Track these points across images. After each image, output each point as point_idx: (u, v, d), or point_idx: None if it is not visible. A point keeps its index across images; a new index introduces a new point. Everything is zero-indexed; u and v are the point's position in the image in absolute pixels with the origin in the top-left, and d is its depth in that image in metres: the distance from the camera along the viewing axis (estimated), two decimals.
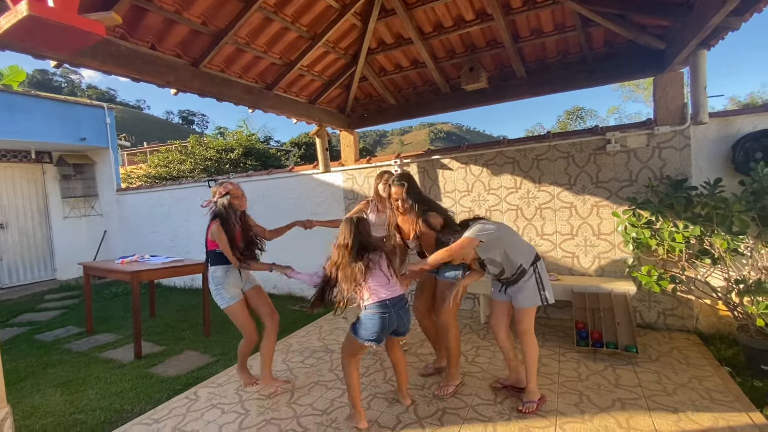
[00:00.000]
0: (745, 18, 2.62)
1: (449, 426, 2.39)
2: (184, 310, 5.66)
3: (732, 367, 2.88)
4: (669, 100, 3.60)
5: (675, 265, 3.45)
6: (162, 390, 3.19)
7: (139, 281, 4.01)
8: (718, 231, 3.02)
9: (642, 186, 3.69)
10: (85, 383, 3.41)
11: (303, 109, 4.42)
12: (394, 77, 4.68)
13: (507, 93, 4.34)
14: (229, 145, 12.15)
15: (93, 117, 8.09)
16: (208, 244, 2.90)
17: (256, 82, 3.81)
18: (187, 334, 4.55)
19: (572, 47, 3.92)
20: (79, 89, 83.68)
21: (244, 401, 2.86)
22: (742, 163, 3.26)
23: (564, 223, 4.08)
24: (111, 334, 4.73)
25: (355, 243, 2.36)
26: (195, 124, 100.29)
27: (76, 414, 2.89)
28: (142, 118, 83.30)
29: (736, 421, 2.26)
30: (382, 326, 2.32)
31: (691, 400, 2.51)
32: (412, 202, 2.80)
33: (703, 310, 3.58)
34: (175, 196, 7.19)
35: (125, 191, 8.15)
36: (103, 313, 5.65)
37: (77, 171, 8.29)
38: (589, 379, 2.85)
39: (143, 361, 3.82)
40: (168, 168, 11.67)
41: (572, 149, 4.00)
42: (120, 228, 8.17)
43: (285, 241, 5.06)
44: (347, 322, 4.48)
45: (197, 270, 4.48)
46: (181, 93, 3.29)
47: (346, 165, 5.33)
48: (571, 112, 39.40)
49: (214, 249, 2.87)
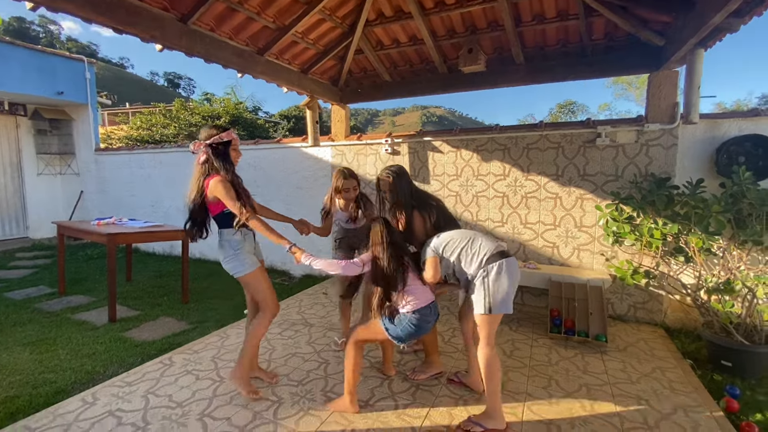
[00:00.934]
0: (745, 21, 2.63)
1: (421, 402, 2.45)
2: (162, 276, 5.58)
3: (694, 361, 3.02)
4: (662, 98, 3.62)
5: (650, 261, 3.55)
6: (136, 354, 3.16)
7: (115, 244, 3.91)
8: (695, 230, 3.11)
9: (627, 182, 3.74)
10: (55, 344, 3.35)
11: (294, 78, 4.28)
12: (391, 52, 4.56)
13: (503, 78, 4.29)
14: (215, 112, 11.78)
15: (71, 70, 7.69)
16: (210, 207, 2.39)
17: (247, 45, 3.65)
18: (164, 301, 4.50)
19: (572, 36, 3.87)
20: (58, 41, 79.08)
21: (219, 369, 2.86)
22: (724, 166, 3.33)
23: (548, 214, 4.13)
24: (84, 296, 4.63)
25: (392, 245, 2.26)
26: (181, 88, 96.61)
27: (46, 373, 2.85)
28: (124, 77, 79.73)
29: (694, 410, 2.37)
30: (420, 332, 2.23)
31: (653, 388, 2.62)
32: (395, 197, 2.60)
33: (671, 305, 3.72)
34: (157, 160, 6.96)
35: (104, 151, 7.86)
36: (77, 275, 5.52)
37: (53, 126, 7.92)
38: (559, 365, 2.94)
39: (117, 325, 3.76)
40: (150, 131, 11.27)
41: (563, 140, 4.01)
42: (97, 189, 7.91)
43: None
44: (327, 298, 4.49)
45: (177, 236, 4.39)
46: (167, 51, 3.12)
47: (335, 140, 5.24)
48: (563, 105, 39.57)
49: (222, 210, 2.37)
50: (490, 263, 2.10)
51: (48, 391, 2.61)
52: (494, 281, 2.08)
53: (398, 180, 2.62)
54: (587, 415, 2.32)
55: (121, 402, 2.44)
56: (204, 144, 2.37)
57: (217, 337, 3.40)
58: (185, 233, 2.51)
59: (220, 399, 2.47)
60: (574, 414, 2.33)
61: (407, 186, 2.63)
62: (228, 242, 2.43)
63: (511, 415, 2.31)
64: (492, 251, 2.15)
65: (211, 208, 2.41)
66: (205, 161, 2.38)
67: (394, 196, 2.63)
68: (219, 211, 2.40)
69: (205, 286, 5.03)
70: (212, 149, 2.37)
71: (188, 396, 2.51)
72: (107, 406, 2.40)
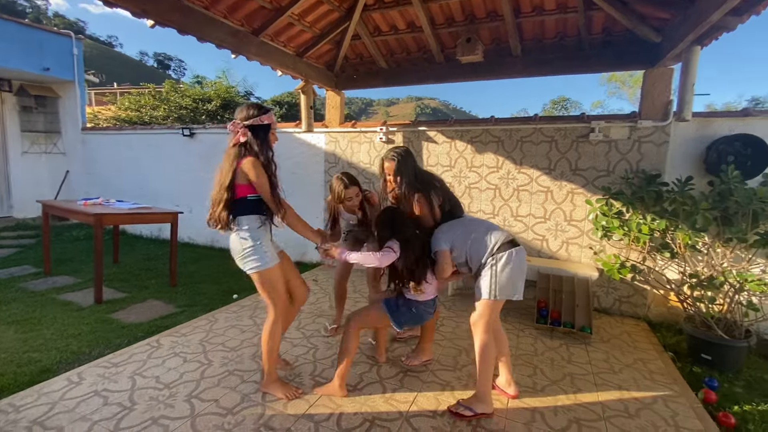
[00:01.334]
0: (743, 19, 2.64)
1: (409, 387, 2.48)
2: (150, 259, 5.51)
3: (675, 354, 3.10)
4: (656, 95, 3.65)
5: (637, 256, 3.62)
6: (122, 336, 3.13)
7: (102, 225, 3.84)
8: (682, 226, 3.17)
9: (618, 177, 3.78)
10: (40, 323, 3.30)
11: (289, 62, 4.20)
12: (388, 39, 4.51)
13: (500, 70, 4.28)
14: (206, 95, 11.55)
15: (58, 46, 7.45)
16: (236, 189, 2.14)
17: (242, 25, 3.57)
18: (152, 283, 4.45)
19: (571, 30, 3.87)
20: (45, 17, 76.45)
21: (207, 352, 2.85)
22: (713, 164, 3.38)
23: (539, 207, 4.17)
24: (70, 277, 4.56)
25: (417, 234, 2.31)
26: (171, 70, 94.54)
27: (30, 352, 2.81)
28: (112, 56, 77.63)
29: (673, 400, 2.44)
30: (421, 321, 2.32)
31: (634, 379, 2.69)
32: (401, 180, 2.46)
33: (655, 299, 3.80)
34: (146, 142, 6.83)
35: (91, 131, 7.67)
36: (63, 256, 5.43)
37: (39, 104, 7.69)
38: (544, 354, 3.00)
39: (104, 306, 3.72)
40: (139, 112, 11.03)
41: (556, 134, 4.03)
42: (84, 170, 7.74)
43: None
44: (317, 285, 4.49)
45: (166, 219, 4.34)
46: (158, 27, 3.03)
47: (329, 127, 5.19)
48: (556, 101, 39.70)
49: (246, 195, 2.15)
50: (500, 252, 2.14)
51: (33, 369, 2.58)
52: (502, 269, 2.12)
53: (404, 163, 2.48)
54: (571, 404, 2.37)
55: (107, 382, 2.42)
56: (242, 125, 2.14)
57: (205, 321, 3.39)
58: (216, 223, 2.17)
59: (207, 381, 2.47)
60: (558, 402, 2.39)
61: (412, 168, 2.51)
62: (249, 232, 2.15)
63: (496, 401, 2.35)
64: (503, 240, 2.18)
65: (238, 190, 2.15)
66: (242, 144, 2.14)
67: (401, 180, 2.48)
68: (243, 196, 2.15)
69: (193, 270, 4.99)
70: (251, 131, 2.15)
71: (176, 378, 2.50)
72: (93, 386, 2.38)
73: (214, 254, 5.89)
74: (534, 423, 2.18)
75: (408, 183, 2.45)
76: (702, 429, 2.17)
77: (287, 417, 2.15)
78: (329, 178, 5.22)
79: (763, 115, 3.38)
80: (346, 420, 2.14)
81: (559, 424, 2.17)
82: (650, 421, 2.22)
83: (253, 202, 2.17)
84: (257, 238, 2.16)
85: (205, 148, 6.19)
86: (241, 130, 2.14)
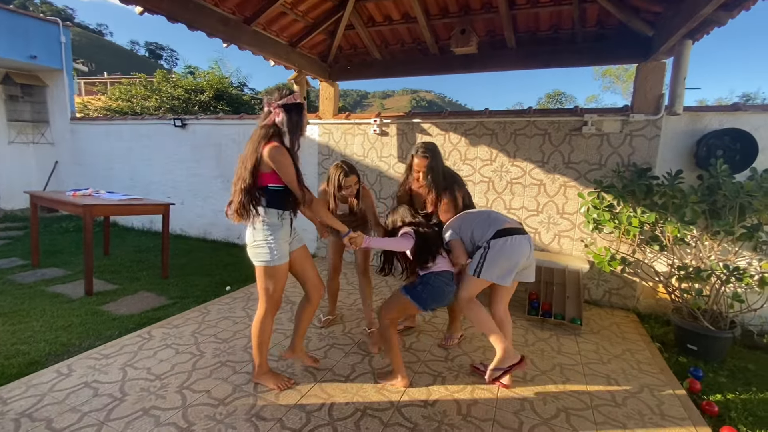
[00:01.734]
0: (733, 14, 2.66)
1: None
2: (141, 251, 5.46)
3: (662, 344, 3.16)
4: (648, 89, 3.66)
5: (627, 248, 3.66)
6: (113, 327, 3.11)
7: (92, 216, 3.79)
8: (671, 219, 3.20)
9: (609, 170, 3.81)
10: (29, 315, 3.27)
11: (282, 51, 4.15)
12: (383, 29, 4.47)
13: (495, 62, 4.27)
14: (199, 86, 11.38)
15: (45, 33, 7.29)
16: (259, 177, 2.03)
17: (234, 13, 3.51)
18: (143, 275, 4.42)
19: (565, 22, 3.86)
20: (32, 3, 74.43)
21: (199, 343, 2.84)
22: (703, 158, 3.41)
23: (531, 200, 4.19)
24: (60, 269, 4.51)
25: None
26: (163, 59, 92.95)
27: (18, 345, 2.78)
28: (102, 45, 76.09)
29: (659, 390, 2.49)
30: (443, 297, 2.33)
31: (622, 369, 2.74)
32: (431, 179, 2.55)
33: (644, 291, 3.85)
34: (137, 132, 6.73)
35: (80, 121, 7.54)
36: (52, 248, 5.37)
37: (26, 93, 7.54)
38: (535, 345, 3.03)
39: (94, 299, 3.69)
40: (130, 103, 10.84)
41: (550, 127, 4.03)
42: (73, 160, 7.62)
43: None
44: None
45: (157, 210, 4.29)
46: (148, 15, 2.98)
47: (323, 118, 5.15)
48: (551, 95, 39.80)
49: (268, 185, 2.05)
50: (494, 238, 2.28)
51: (21, 362, 2.55)
52: (493, 254, 2.25)
53: (434, 161, 2.56)
54: (559, 393, 2.41)
55: (97, 374, 2.41)
56: (276, 104, 2.02)
57: (197, 313, 3.38)
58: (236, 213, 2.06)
59: (199, 372, 2.47)
60: (548, 391, 2.42)
61: (441, 166, 2.60)
62: (264, 224, 2.07)
63: (486, 392, 2.38)
64: (499, 227, 2.31)
65: (261, 178, 2.04)
66: (273, 125, 2.03)
67: (432, 179, 2.56)
68: (265, 185, 2.05)
69: (185, 262, 4.96)
70: (286, 112, 2.03)
71: (167, 369, 2.49)
72: (83, 377, 2.37)
73: (206, 246, 5.85)
74: (523, 412, 2.21)
75: (437, 182, 2.57)
76: (686, 417, 2.22)
77: (279, 407, 2.16)
78: (323, 170, 5.20)
79: (753, 109, 3.41)
80: (338, 410, 2.16)
81: (548, 413, 2.21)
82: (636, 410, 2.27)
83: (275, 192, 2.06)
84: (272, 233, 2.09)
85: (197, 139, 6.13)
86: (276, 110, 2.03)
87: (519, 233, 2.32)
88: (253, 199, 2.04)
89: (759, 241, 3.07)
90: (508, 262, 2.26)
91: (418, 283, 2.32)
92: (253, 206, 2.04)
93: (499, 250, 2.25)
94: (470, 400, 2.30)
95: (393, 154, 4.79)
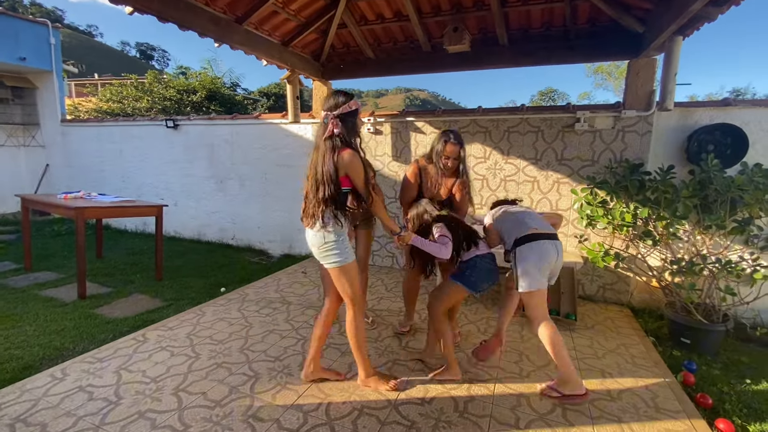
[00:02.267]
0: (722, 10, 2.68)
1: (398, 375, 2.49)
2: (135, 254, 5.42)
3: (656, 338, 3.19)
4: (639, 85, 3.69)
5: (621, 244, 3.69)
6: (107, 331, 3.09)
7: (84, 218, 3.75)
8: (664, 214, 3.23)
9: (602, 167, 3.83)
10: (22, 320, 3.23)
11: (275, 51, 4.13)
12: (375, 28, 4.46)
13: (487, 60, 4.27)
14: (191, 87, 11.31)
15: (34, 35, 7.20)
16: (340, 180, 2.08)
17: (225, 12, 3.49)
18: (137, 278, 4.39)
19: (557, 20, 3.87)
20: (21, 5, 73.48)
21: (195, 345, 2.83)
22: (694, 154, 3.45)
23: (525, 197, 4.21)
24: (52, 273, 4.47)
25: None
26: (155, 60, 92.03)
27: (12, 349, 2.75)
28: (92, 46, 75.25)
29: (654, 383, 2.52)
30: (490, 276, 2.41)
31: (617, 363, 2.76)
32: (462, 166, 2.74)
33: (638, 286, 3.89)
34: (129, 133, 6.67)
35: (71, 123, 7.46)
36: (44, 251, 5.31)
37: (15, 95, 7.45)
38: (530, 341, 3.05)
39: (87, 302, 3.66)
40: (122, 104, 10.77)
41: (543, 124, 4.05)
42: (64, 163, 7.54)
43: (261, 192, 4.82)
44: (306, 277, 4.48)
45: (150, 212, 4.26)
46: (137, 14, 2.95)
47: (317, 117, 5.13)
48: (544, 92, 39.90)
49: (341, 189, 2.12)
50: (518, 245, 2.33)
51: (15, 366, 2.53)
52: (519, 263, 2.30)
53: (463, 148, 2.71)
54: None
55: (92, 377, 2.39)
56: (333, 116, 2.08)
57: (192, 314, 3.36)
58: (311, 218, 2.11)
59: (195, 374, 2.45)
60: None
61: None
62: (333, 227, 2.10)
63: (483, 388, 2.39)
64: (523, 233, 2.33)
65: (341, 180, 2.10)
66: (335, 135, 2.07)
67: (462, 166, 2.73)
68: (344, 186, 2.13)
69: (180, 264, 4.93)
70: (341, 121, 2.09)
71: (162, 371, 2.48)
72: (77, 381, 2.35)
73: (201, 247, 5.82)
74: (519, 407, 2.22)
75: (465, 167, 2.76)
76: (681, 410, 2.24)
77: (276, 408, 2.16)
78: None
79: (743, 104, 3.45)
80: (335, 409, 2.16)
81: (544, 408, 2.22)
82: (631, 403, 2.29)
83: (344, 195, 2.13)
84: (340, 233, 2.13)
85: (189, 140, 6.08)
86: (332, 121, 2.08)
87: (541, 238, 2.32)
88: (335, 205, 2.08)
89: (750, 235, 3.11)
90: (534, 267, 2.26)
91: (465, 269, 2.39)
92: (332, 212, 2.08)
93: (523, 255, 2.29)
94: (467, 397, 2.31)
95: (387, 153, 4.79)
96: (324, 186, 2.04)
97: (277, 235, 5.59)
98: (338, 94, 2.13)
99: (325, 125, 2.10)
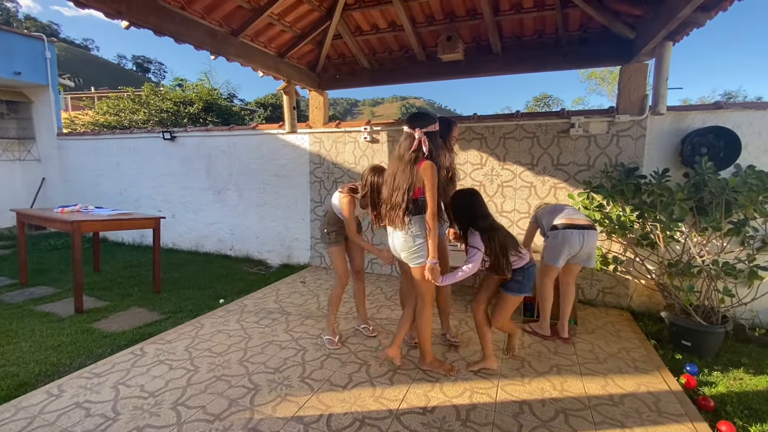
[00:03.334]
0: (711, 15, 2.73)
1: (398, 385, 2.48)
2: (132, 266, 5.39)
3: (657, 341, 3.18)
4: (632, 90, 3.74)
5: (618, 247, 3.70)
6: (105, 345, 3.05)
7: (80, 232, 3.73)
8: (660, 216, 3.25)
9: (598, 171, 3.86)
10: (17, 336, 3.19)
11: (271, 62, 4.16)
12: (370, 38, 4.51)
13: (481, 67, 4.32)
14: (188, 98, 11.34)
15: (30, 49, 7.23)
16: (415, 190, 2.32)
17: (221, 25, 3.52)
18: (135, 291, 4.35)
19: (549, 27, 3.93)
20: (16, 20, 73.83)
21: (193, 358, 2.80)
22: (688, 156, 3.48)
23: (523, 202, 4.22)
24: (48, 288, 4.43)
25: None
26: (151, 73, 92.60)
27: (7, 366, 2.71)
28: (89, 60, 75.67)
29: (656, 387, 2.51)
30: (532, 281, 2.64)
31: (618, 367, 2.75)
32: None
33: (637, 289, 3.89)
34: (126, 146, 6.67)
35: (67, 136, 7.46)
36: (40, 266, 5.27)
37: (11, 109, 7.46)
38: (531, 347, 3.04)
39: (84, 316, 3.62)
40: (118, 117, 10.77)
41: (538, 130, 4.09)
42: (61, 177, 7.52)
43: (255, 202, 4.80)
44: (305, 287, 4.46)
45: (147, 224, 4.24)
46: (134, 28, 2.97)
47: (313, 127, 5.16)
48: (539, 98, 40.27)
49: (419, 197, 2.33)
50: (552, 231, 2.99)
51: (10, 384, 2.49)
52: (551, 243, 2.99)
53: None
54: (557, 394, 2.41)
55: (89, 393, 2.36)
56: (421, 132, 2.33)
57: (191, 327, 3.33)
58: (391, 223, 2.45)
59: (194, 388, 2.43)
60: (545, 393, 2.42)
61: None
62: (419, 231, 2.36)
63: (485, 395, 2.38)
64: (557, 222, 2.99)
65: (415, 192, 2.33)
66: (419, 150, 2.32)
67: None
68: (417, 198, 2.33)
69: (178, 276, 4.90)
70: (428, 137, 2.32)
71: (161, 385, 2.45)
72: (74, 397, 2.31)
73: (199, 259, 5.80)
74: (522, 414, 2.21)
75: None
76: (683, 413, 2.23)
77: (276, 420, 2.13)
78: (315, 179, 5.20)
79: (734, 107, 3.49)
80: (336, 420, 2.14)
81: (546, 415, 2.20)
82: (634, 408, 2.28)
83: (422, 202, 2.34)
84: (423, 237, 2.38)
85: (186, 151, 6.09)
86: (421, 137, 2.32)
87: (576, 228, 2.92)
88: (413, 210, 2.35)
89: (746, 236, 3.13)
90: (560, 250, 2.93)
91: (521, 279, 2.55)
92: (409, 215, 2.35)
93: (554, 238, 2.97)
94: (469, 405, 2.29)
95: (384, 161, 4.81)
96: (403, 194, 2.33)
97: (276, 245, 5.58)
98: (425, 116, 2.43)
99: (412, 139, 2.34)
